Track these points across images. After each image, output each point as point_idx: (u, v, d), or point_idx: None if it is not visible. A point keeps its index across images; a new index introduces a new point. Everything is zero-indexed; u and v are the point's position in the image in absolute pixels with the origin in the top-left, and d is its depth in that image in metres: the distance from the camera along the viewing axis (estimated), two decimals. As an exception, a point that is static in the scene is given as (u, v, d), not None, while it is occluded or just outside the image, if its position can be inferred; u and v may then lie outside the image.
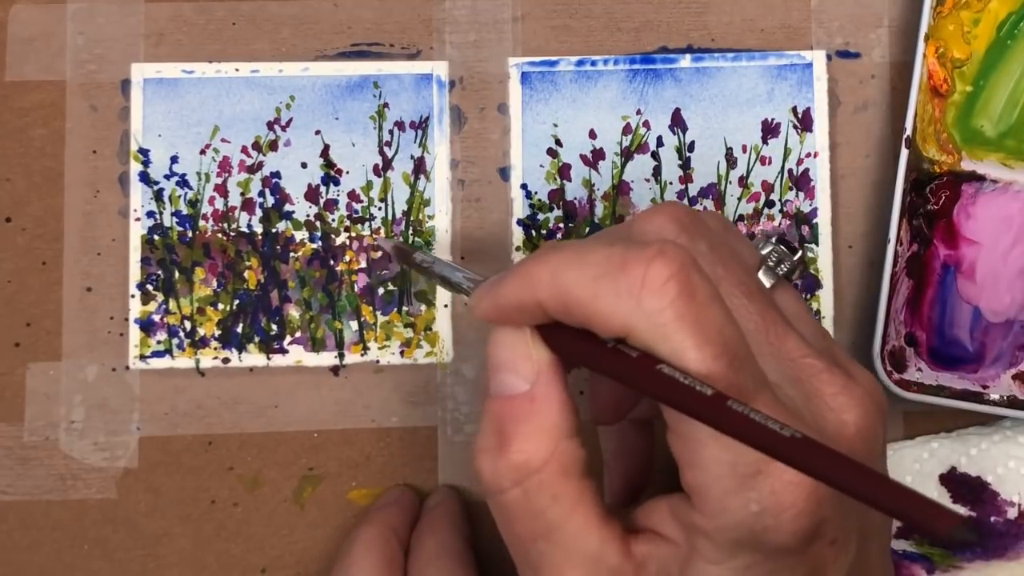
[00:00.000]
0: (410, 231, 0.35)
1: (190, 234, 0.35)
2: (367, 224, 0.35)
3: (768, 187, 0.35)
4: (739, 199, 0.35)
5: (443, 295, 0.35)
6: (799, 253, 0.26)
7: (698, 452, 0.21)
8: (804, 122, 0.35)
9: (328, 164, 0.35)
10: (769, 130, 0.35)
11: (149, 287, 0.34)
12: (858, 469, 0.17)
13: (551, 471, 0.22)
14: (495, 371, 0.23)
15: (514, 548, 0.23)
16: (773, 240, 0.26)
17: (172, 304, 0.34)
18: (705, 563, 0.21)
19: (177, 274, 0.35)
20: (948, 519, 0.15)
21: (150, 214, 0.35)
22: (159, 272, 0.35)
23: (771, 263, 0.26)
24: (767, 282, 0.26)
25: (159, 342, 0.34)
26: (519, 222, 0.35)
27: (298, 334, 0.34)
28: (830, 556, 0.22)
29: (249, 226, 0.35)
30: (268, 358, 0.34)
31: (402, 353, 0.34)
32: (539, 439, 0.22)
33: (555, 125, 0.35)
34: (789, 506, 0.20)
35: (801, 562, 0.21)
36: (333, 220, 0.35)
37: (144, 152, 0.35)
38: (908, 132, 0.34)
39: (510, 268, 0.23)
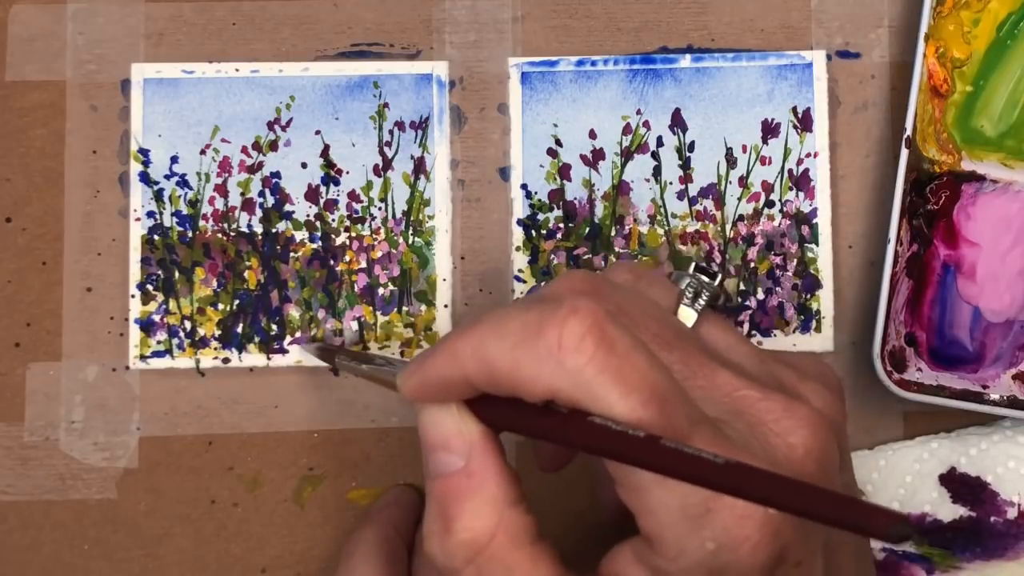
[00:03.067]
0: (410, 231, 0.35)
1: (190, 234, 0.35)
2: (367, 224, 0.35)
3: (768, 187, 0.35)
4: (739, 199, 0.35)
5: (443, 295, 0.35)
6: (718, 277, 0.26)
7: (646, 499, 0.21)
8: (804, 122, 0.35)
9: (328, 164, 0.35)
10: (769, 130, 0.35)
11: (149, 287, 0.35)
12: (789, 484, 0.17)
13: (500, 544, 0.22)
14: (429, 451, 0.23)
15: None
16: (689, 271, 0.26)
17: (172, 304, 0.34)
18: None
19: (177, 274, 0.35)
20: (883, 518, 0.15)
21: (150, 214, 0.35)
22: (159, 272, 0.35)
23: (687, 299, 0.26)
24: (691, 317, 0.26)
25: (159, 342, 0.34)
26: (519, 222, 0.35)
27: (298, 334, 0.34)
28: None
29: (249, 226, 0.35)
30: (268, 358, 0.34)
31: (402, 353, 0.34)
32: (482, 514, 0.22)
33: (555, 125, 0.35)
34: (743, 540, 0.20)
35: None
36: (333, 220, 0.35)
37: (144, 152, 0.35)
38: (908, 132, 0.34)
39: (433, 346, 0.23)
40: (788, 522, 0.21)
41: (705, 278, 0.26)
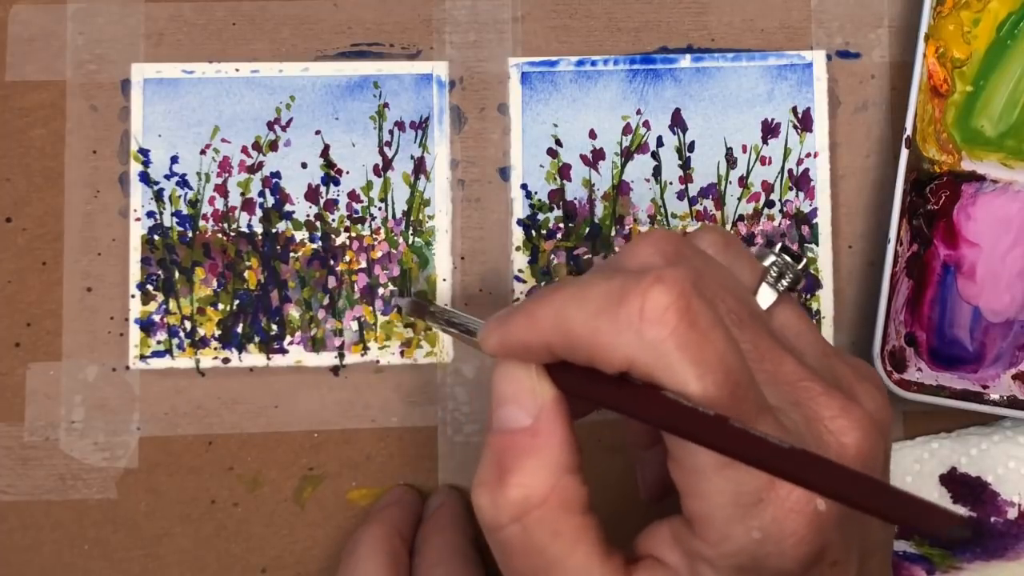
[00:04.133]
0: (410, 231, 0.35)
1: (190, 234, 0.35)
2: (367, 224, 0.35)
3: (768, 187, 0.35)
4: (739, 199, 0.35)
5: (443, 295, 0.35)
6: (803, 261, 0.26)
7: (700, 482, 0.21)
8: (804, 122, 0.35)
9: (328, 164, 0.35)
10: (769, 130, 0.35)
11: (149, 287, 0.34)
12: (855, 478, 0.17)
13: (551, 507, 0.22)
14: (498, 405, 0.23)
15: None
16: (776, 250, 0.26)
17: (172, 304, 0.34)
18: None
19: (177, 274, 0.35)
20: (946, 520, 0.15)
21: (150, 214, 0.35)
22: (159, 272, 0.35)
23: (772, 278, 0.25)
24: (769, 298, 0.25)
25: (159, 342, 0.34)
26: (519, 222, 0.35)
27: (298, 334, 0.34)
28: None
29: (249, 226, 0.35)
30: (268, 358, 0.34)
31: (402, 353, 0.34)
32: (540, 474, 0.22)
33: (555, 125, 0.35)
34: (790, 533, 0.20)
35: None
36: (333, 220, 0.35)
37: (144, 152, 0.35)
38: (908, 132, 0.34)
39: (518, 304, 0.23)
40: (832, 522, 0.21)
41: (790, 259, 0.25)
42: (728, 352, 0.21)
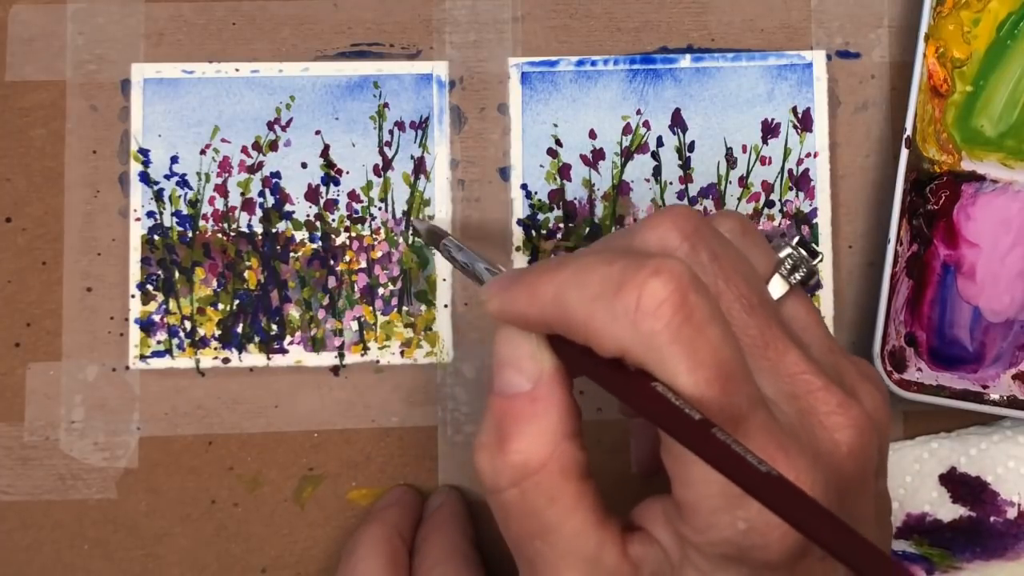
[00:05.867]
0: (410, 231, 0.35)
1: (190, 234, 0.35)
2: (367, 224, 0.35)
3: (768, 187, 0.35)
4: (739, 199, 0.35)
5: (443, 295, 0.35)
6: (820, 257, 0.26)
7: (689, 470, 0.21)
8: (804, 122, 0.35)
9: (328, 164, 0.35)
10: (769, 130, 0.35)
11: (149, 287, 0.35)
12: (823, 516, 0.17)
13: (549, 472, 0.22)
14: (499, 368, 0.23)
15: (512, 545, 0.23)
16: (793, 243, 0.26)
17: (172, 304, 0.34)
18: (695, 572, 0.21)
19: (177, 274, 0.35)
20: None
21: (150, 214, 0.35)
22: (159, 272, 0.35)
23: (785, 269, 0.25)
24: (780, 289, 0.25)
25: (159, 342, 0.34)
26: (519, 222, 0.35)
27: (298, 334, 0.34)
28: (819, 571, 0.22)
29: (249, 226, 0.35)
30: (268, 358, 0.34)
31: (402, 353, 0.34)
32: (538, 440, 0.22)
33: (555, 125, 0.35)
34: (776, 526, 0.20)
35: None
36: (333, 220, 0.35)
37: (144, 152, 0.35)
38: (908, 132, 0.34)
39: (522, 272, 0.23)
40: None
41: (805, 253, 0.25)
42: (723, 347, 0.21)
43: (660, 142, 0.35)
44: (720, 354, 0.20)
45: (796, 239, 0.26)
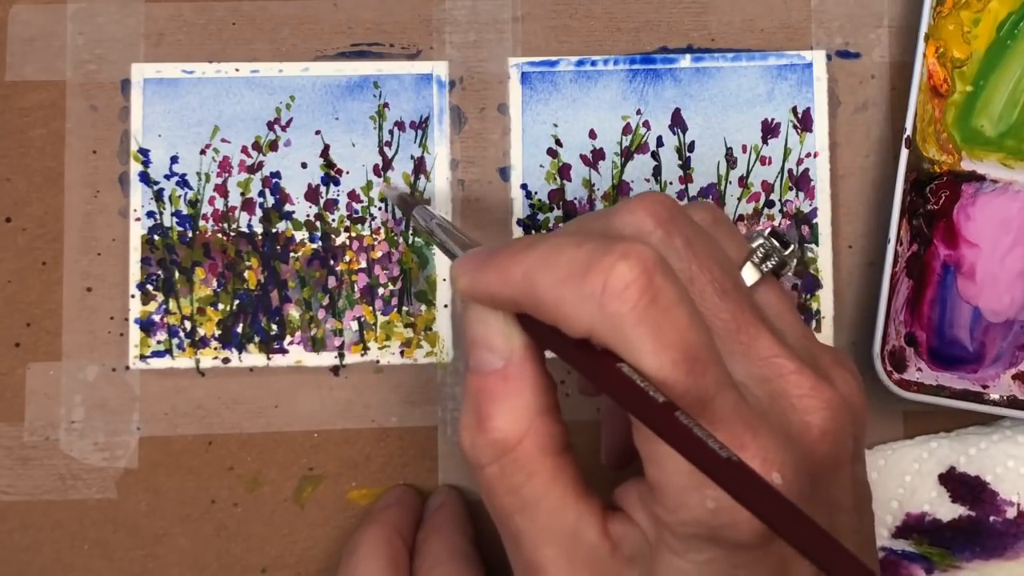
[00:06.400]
0: (410, 231, 0.35)
1: (190, 234, 0.35)
2: (367, 224, 0.35)
3: (768, 187, 0.35)
4: (739, 199, 0.35)
5: (443, 295, 0.35)
6: (791, 247, 0.26)
7: (658, 450, 0.21)
8: (804, 122, 0.35)
9: (328, 164, 0.35)
10: (769, 130, 0.35)
11: (149, 287, 0.35)
12: (780, 503, 0.17)
13: (526, 449, 0.23)
14: (471, 347, 0.24)
15: (497, 522, 0.24)
16: (765, 233, 0.26)
17: (172, 304, 0.34)
18: (670, 553, 0.22)
19: (177, 274, 0.35)
20: (856, 570, 0.16)
21: (150, 214, 0.35)
22: (159, 272, 0.35)
23: (757, 258, 0.26)
24: (752, 278, 0.25)
25: (159, 342, 0.34)
26: (519, 222, 0.35)
27: (298, 334, 0.34)
28: (793, 553, 0.22)
29: (249, 226, 0.35)
30: (268, 358, 0.34)
31: (402, 353, 0.34)
32: (513, 417, 0.23)
33: (555, 125, 0.35)
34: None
35: (764, 558, 0.21)
36: (333, 220, 0.35)
37: (144, 152, 0.35)
38: (908, 132, 0.34)
39: (492, 250, 0.23)
40: (791, 496, 0.21)
41: (777, 243, 0.26)
42: (689, 328, 0.21)
43: (660, 142, 0.35)
44: (686, 336, 0.21)
45: (768, 229, 0.26)
